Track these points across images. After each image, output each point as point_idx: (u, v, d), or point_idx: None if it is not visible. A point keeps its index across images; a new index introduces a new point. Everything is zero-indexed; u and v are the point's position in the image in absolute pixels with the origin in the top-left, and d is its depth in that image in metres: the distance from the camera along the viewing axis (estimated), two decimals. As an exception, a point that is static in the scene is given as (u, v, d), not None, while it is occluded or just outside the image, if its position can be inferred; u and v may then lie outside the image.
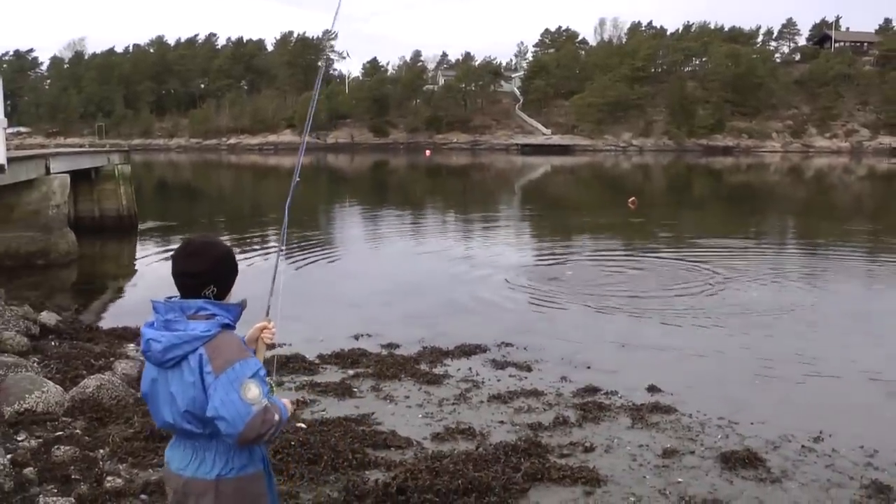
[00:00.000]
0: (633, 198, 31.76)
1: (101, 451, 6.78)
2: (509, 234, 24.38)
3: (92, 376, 8.59)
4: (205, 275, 3.30)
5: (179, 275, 3.33)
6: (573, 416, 7.89)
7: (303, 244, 21.87)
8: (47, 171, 19.28)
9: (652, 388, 8.79)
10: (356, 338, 11.16)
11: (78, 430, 7.34)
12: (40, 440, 7.00)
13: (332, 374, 9.39)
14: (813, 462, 6.83)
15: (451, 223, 28.81)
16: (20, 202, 18.37)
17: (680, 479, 6.37)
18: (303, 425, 7.37)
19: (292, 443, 6.68)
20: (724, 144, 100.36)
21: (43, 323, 11.50)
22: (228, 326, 3.27)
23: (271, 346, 3.86)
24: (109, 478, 6.14)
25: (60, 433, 7.21)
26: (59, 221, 19.05)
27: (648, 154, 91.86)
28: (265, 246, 21.81)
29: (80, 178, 23.35)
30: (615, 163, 76.46)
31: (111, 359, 9.91)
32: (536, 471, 6.33)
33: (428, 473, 6.07)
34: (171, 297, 3.31)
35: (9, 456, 6.42)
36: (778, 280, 15.82)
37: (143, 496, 5.87)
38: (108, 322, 12.83)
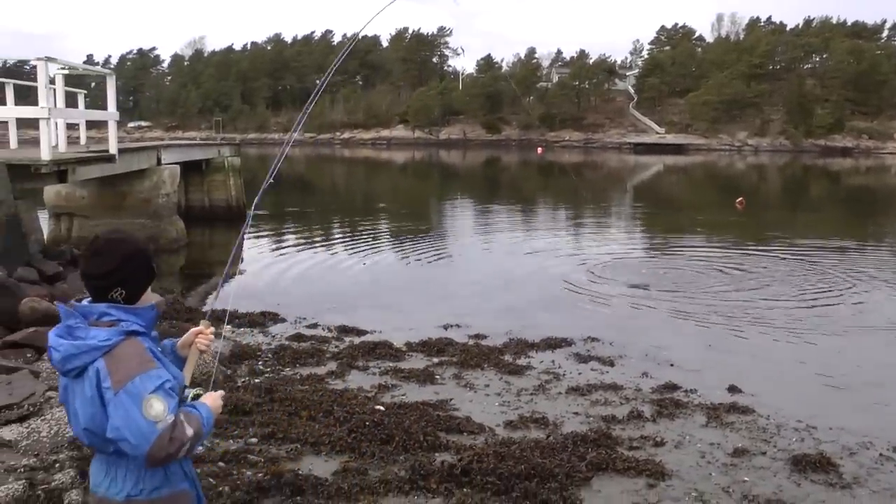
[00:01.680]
0: (740, 198, 31.27)
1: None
2: (615, 233, 24.30)
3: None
4: (110, 276, 3.03)
5: (84, 276, 3.11)
6: (648, 411, 7.97)
7: (409, 237, 22.32)
8: (158, 162, 20.03)
9: (732, 389, 8.75)
10: (445, 328, 11.43)
11: (170, 402, 7.77)
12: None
13: (416, 362, 9.68)
14: (889, 471, 6.69)
15: (560, 220, 28.82)
16: (132, 191, 19.14)
17: (746, 479, 6.39)
18: (381, 407, 7.65)
19: (367, 423, 6.99)
20: (843, 145, 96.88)
21: (147, 303, 12.07)
22: (136, 333, 3.00)
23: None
24: (195, 444, 6.52)
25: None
26: (169, 209, 19.79)
27: (764, 154, 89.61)
28: (365, 240, 22.21)
29: (192, 170, 24.19)
30: (729, 163, 75.01)
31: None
32: (602, 461, 6.47)
33: (494, 457, 6.29)
34: (80, 299, 3.10)
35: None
36: (886, 288, 15.22)
37: (220, 463, 6.23)
38: (207, 305, 13.36)
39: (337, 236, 23.12)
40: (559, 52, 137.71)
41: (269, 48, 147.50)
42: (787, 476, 6.48)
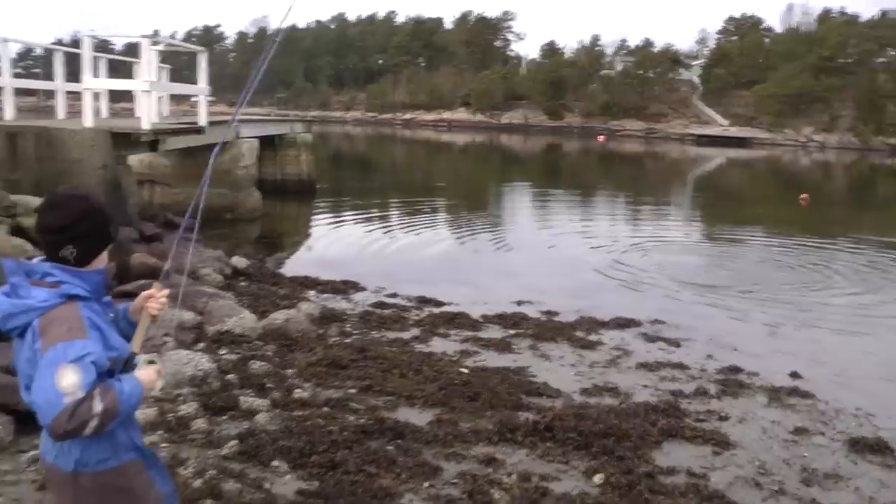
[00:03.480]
0: (805, 195, 31.25)
1: (289, 371, 7.94)
2: (677, 223, 24.64)
3: (281, 311, 9.83)
4: (63, 231, 2.94)
5: (37, 229, 3.04)
6: (713, 389, 8.46)
7: (471, 217, 23.01)
8: (237, 136, 20.83)
9: (794, 375, 9.13)
10: (518, 303, 12.01)
11: (269, 353, 8.57)
12: (238, 356, 8.30)
13: (493, 332, 10.30)
14: (947, 457, 6.99)
15: (620, 208, 29.20)
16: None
17: (805, 454, 6.82)
18: (465, 370, 8.30)
19: (455, 381, 7.66)
20: None
21: (234, 266, 12.94)
22: (78, 297, 2.91)
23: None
24: (297, 390, 7.25)
25: (255, 353, 8.44)
26: (247, 181, 20.61)
27: (830, 151, 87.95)
28: (429, 218, 22.90)
29: (266, 144, 25.01)
30: (793, 158, 74.20)
31: (294, 300, 11.14)
32: (671, 428, 7.02)
33: (574, 418, 6.89)
34: (30, 257, 3.16)
35: (215, 363, 7.69)
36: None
37: (325, 408, 6.89)
38: (288, 271, 14.10)
39: (401, 214, 23.72)
40: (624, 41, 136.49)
41: (332, 27, 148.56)
42: (845, 455, 6.88)
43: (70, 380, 2.72)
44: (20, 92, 18.84)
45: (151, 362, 3.06)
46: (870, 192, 45.05)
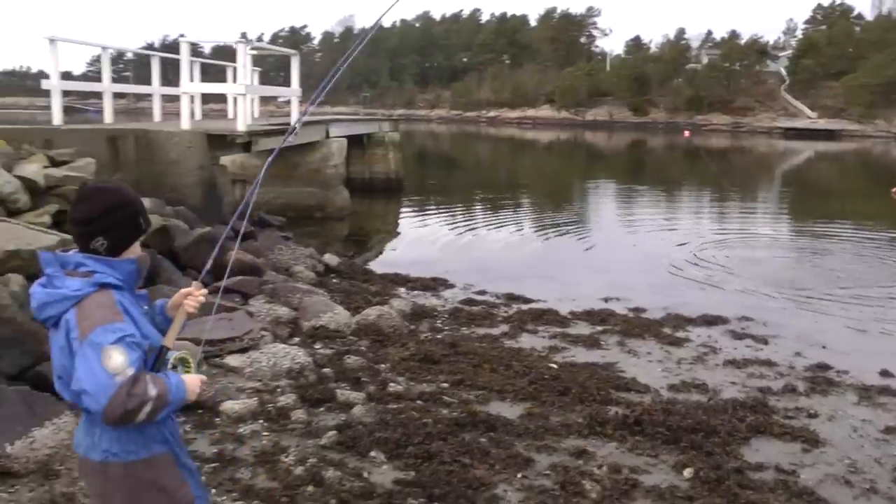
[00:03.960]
0: (896, 189, 30.53)
1: (383, 365, 8.19)
2: (763, 218, 24.39)
3: (373, 307, 10.12)
4: (93, 223, 3.01)
5: (69, 221, 3.12)
6: (802, 386, 8.43)
7: (555, 214, 23.13)
8: (327, 136, 21.24)
9: (885, 373, 9.02)
10: (605, 300, 12.11)
11: (363, 348, 8.85)
12: (333, 350, 8.59)
13: (581, 328, 10.42)
14: None
15: (705, 204, 29.01)
16: (303, 161, 20.43)
17: (896, 453, 6.82)
18: (554, 365, 8.46)
19: (545, 376, 7.84)
20: None
21: (326, 263, 13.28)
22: (110, 286, 2.97)
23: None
24: (392, 384, 7.49)
25: (349, 348, 8.72)
26: (336, 180, 21.02)
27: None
28: (513, 216, 23.10)
29: (354, 143, 25.40)
30: (884, 150, 72.22)
31: (385, 297, 11.42)
32: (760, 424, 7.05)
33: (662, 413, 7.00)
34: (66, 249, 3.11)
35: (311, 357, 8.00)
36: None
37: (419, 402, 7.11)
38: (377, 268, 14.36)
39: (485, 211, 23.93)
40: (709, 33, 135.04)
41: (417, 25, 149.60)
42: (939, 455, 6.82)
43: (117, 360, 2.80)
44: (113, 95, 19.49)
45: (183, 358, 3.12)
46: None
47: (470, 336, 9.76)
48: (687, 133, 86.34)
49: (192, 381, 3.09)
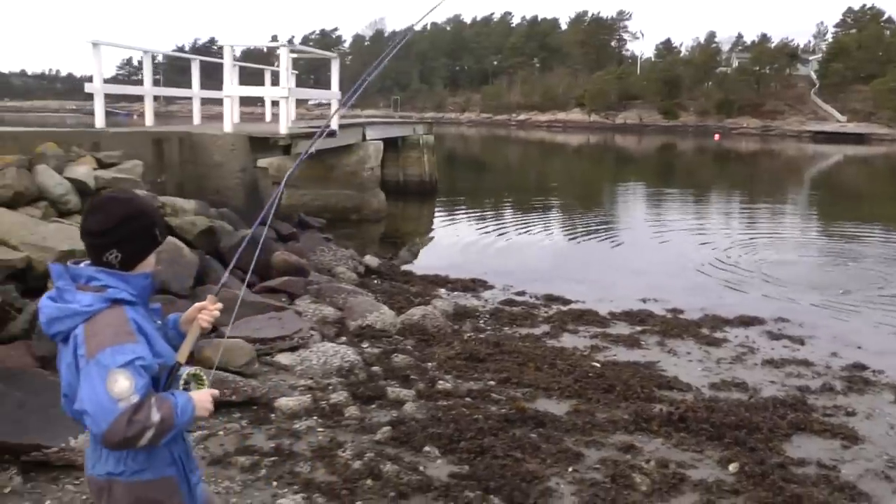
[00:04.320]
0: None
1: (429, 364, 8.40)
2: (794, 222, 24.49)
3: (417, 307, 10.35)
4: (106, 234, 2.90)
5: (82, 233, 2.98)
6: (839, 385, 8.58)
7: (587, 217, 23.31)
8: (363, 138, 21.49)
9: (921, 373, 9.20)
10: (643, 301, 12.29)
11: (409, 346, 9.07)
12: (380, 349, 8.82)
13: (621, 328, 10.62)
14: None
15: (736, 207, 29.05)
16: (339, 164, 20.69)
17: (935, 449, 6.96)
18: (597, 364, 8.64)
19: (589, 374, 8.04)
20: None
21: (367, 264, 13.52)
22: (124, 301, 2.86)
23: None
24: (440, 382, 7.70)
25: (395, 347, 8.94)
26: (373, 182, 21.26)
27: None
28: (546, 218, 23.30)
29: (388, 146, 25.63)
30: (914, 155, 71.95)
31: (427, 297, 11.64)
32: (800, 422, 7.23)
33: (705, 410, 7.19)
34: (78, 261, 2.98)
35: (360, 356, 8.22)
36: None
37: (468, 399, 7.31)
38: (416, 269, 14.57)
39: (518, 214, 24.14)
40: (740, 36, 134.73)
41: (448, 29, 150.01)
42: (973, 451, 6.97)
43: (123, 385, 2.69)
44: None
45: (196, 375, 3.02)
46: None
47: (512, 336, 9.96)
48: (717, 136, 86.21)
49: (203, 398, 2.96)
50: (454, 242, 18.56)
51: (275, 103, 21.74)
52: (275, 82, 20.74)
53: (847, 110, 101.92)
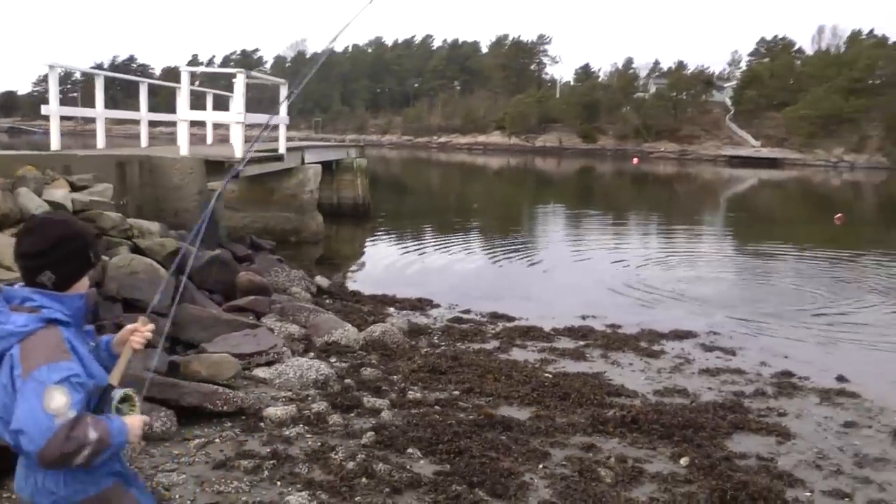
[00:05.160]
0: (839, 214, 32.02)
1: (395, 376, 9.03)
2: (715, 243, 25.64)
3: (377, 324, 10.95)
4: (40, 257, 2.92)
5: (16, 255, 3.01)
6: (770, 390, 9.43)
7: (515, 238, 24.21)
8: (302, 162, 22.01)
9: (840, 378, 10.08)
10: (582, 318, 13.05)
11: (374, 361, 9.67)
12: (348, 363, 9.40)
13: (566, 343, 11.36)
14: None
15: (655, 229, 30.18)
16: (280, 187, 21.17)
17: (856, 443, 7.78)
18: (549, 375, 9.36)
19: (545, 383, 8.75)
20: None
21: (318, 284, 14.04)
22: (59, 322, 2.89)
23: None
24: (410, 392, 8.34)
25: (362, 361, 9.54)
26: (311, 205, 21.76)
27: (860, 171, 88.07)
28: (474, 240, 24.10)
29: (323, 169, 26.13)
30: (824, 178, 74.59)
31: (379, 316, 12.24)
32: (739, 422, 8.04)
33: (654, 413, 7.95)
34: (12, 283, 3.06)
35: (332, 369, 8.79)
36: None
37: (436, 407, 7.94)
38: (363, 290, 14.99)
39: (448, 235, 24.81)
40: (657, 63, 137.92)
41: (369, 51, 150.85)
42: (891, 443, 7.83)
43: (59, 401, 2.70)
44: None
45: (128, 396, 3.04)
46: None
47: (467, 350, 10.61)
48: (636, 160, 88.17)
49: (135, 423, 3.00)
50: (393, 263, 19.16)
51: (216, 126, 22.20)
52: (216, 107, 21.25)
53: (761, 136, 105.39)
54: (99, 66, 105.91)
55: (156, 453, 6.39)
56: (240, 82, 15.12)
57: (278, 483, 6.00)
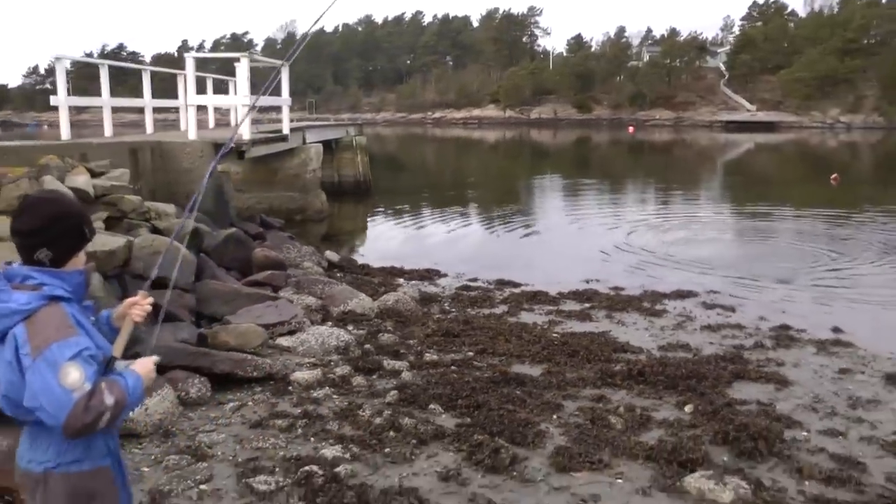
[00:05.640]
0: (835, 174, 32.42)
1: (412, 341, 9.49)
2: (715, 206, 26.11)
3: (390, 293, 11.41)
4: (35, 235, 2.98)
5: (12, 233, 3.05)
6: (769, 342, 9.90)
7: (515, 209, 24.63)
8: (303, 141, 22.36)
9: (836, 329, 10.56)
10: (586, 282, 13.51)
11: (389, 327, 10.12)
12: (365, 330, 9.85)
13: (572, 306, 11.80)
14: (965, 383, 8.49)
15: (655, 195, 30.54)
16: (282, 167, 21.48)
17: (850, 387, 8.23)
18: (556, 335, 9.82)
19: (555, 343, 9.22)
20: None
21: (329, 259, 14.45)
22: (61, 299, 2.97)
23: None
24: (427, 354, 8.79)
25: (378, 328, 9.99)
26: (314, 184, 22.09)
27: (856, 132, 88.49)
28: (475, 213, 24.50)
29: (324, 148, 26.52)
30: (821, 140, 75.03)
31: (390, 286, 12.66)
32: (739, 371, 8.49)
33: (659, 365, 8.41)
34: (10, 262, 3.07)
35: (352, 336, 9.24)
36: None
37: (453, 367, 8.40)
38: (371, 263, 15.37)
39: (448, 208, 25.23)
40: (649, 31, 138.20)
41: (360, 29, 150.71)
42: (883, 386, 8.28)
43: (74, 376, 2.80)
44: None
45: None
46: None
47: (477, 315, 11.07)
48: (631, 129, 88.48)
49: (145, 366, 3.14)
50: (397, 237, 19.63)
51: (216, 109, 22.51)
52: (217, 90, 21.59)
53: (756, 100, 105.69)
54: (89, 55, 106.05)
55: (194, 416, 6.85)
56: (244, 66, 15.51)
57: (312, 439, 6.45)
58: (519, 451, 6.24)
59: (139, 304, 3.25)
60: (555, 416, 7.07)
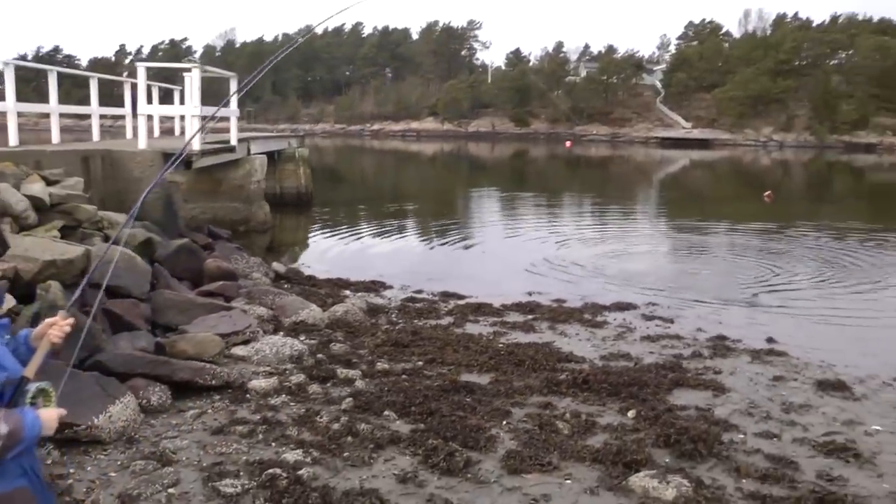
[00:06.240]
0: (769, 191, 33.25)
1: (362, 350, 9.75)
2: (650, 222, 26.75)
3: (338, 304, 11.65)
4: None
5: None
6: (706, 352, 10.34)
7: (454, 222, 24.99)
8: (248, 152, 22.48)
9: (770, 340, 11.04)
10: (528, 294, 13.85)
11: (340, 337, 10.35)
12: (317, 340, 10.08)
13: (515, 317, 12.12)
14: (889, 392, 8.98)
15: (591, 210, 31.14)
16: (227, 177, 21.55)
17: (783, 393, 8.70)
18: (502, 345, 10.15)
19: (501, 353, 9.58)
20: (867, 142, 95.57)
21: (276, 270, 14.62)
22: None
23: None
24: (378, 363, 9.06)
25: (329, 338, 10.22)
26: (258, 195, 22.17)
27: (788, 150, 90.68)
28: (407, 225, 24.83)
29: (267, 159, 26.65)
30: (754, 158, 76.75)
31: (337, 298, 12.87)
32: (678, 379, 8.90)
33: (602, 374, 8.78)
34: None
35: (305, 346, 9.46)
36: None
37: (404, 376, 8.67)
38: (317, 275, 15.52)
39: (388, 221, 25.44)
40: (587, 47, 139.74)
41: (300, 39, 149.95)
42: (814, 392, 8.77)
43: None
44: None
45: (43, 390, 3.04)
46: (827, 188, 47.39)
47: (424, 326, 11.34)
48: (568, 143, 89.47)
49: (49, 416, 3.03)
50: (340, 249, 19.78)
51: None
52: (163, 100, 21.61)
53: (691, 117, 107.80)
54: (23, 58, 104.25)
55: (156, 423, 7.03)
56: (195, 76, 15.66)
57: (273, 444, 6.68)
58: (472, 454, 6.53)
59: (58, 325, 3.21)
60: (504, 422, 7.37)
